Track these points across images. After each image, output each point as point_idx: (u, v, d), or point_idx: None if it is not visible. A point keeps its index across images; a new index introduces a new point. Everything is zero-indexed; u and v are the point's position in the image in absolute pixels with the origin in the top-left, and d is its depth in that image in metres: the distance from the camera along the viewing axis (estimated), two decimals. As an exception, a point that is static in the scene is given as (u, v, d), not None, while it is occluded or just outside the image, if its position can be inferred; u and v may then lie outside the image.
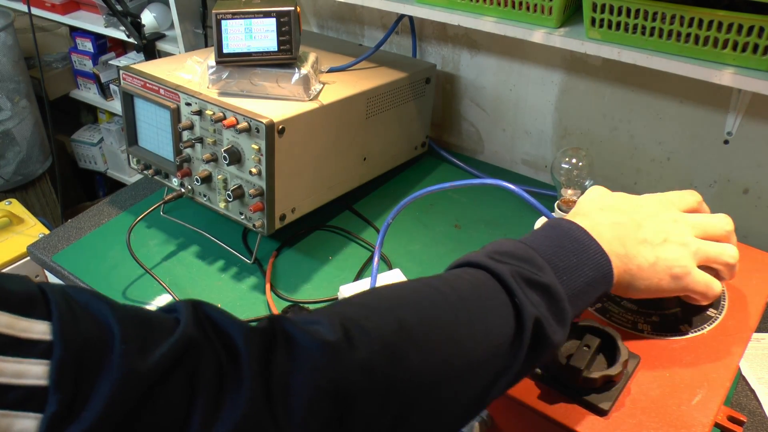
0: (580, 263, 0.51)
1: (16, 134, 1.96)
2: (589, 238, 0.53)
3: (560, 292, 0.49)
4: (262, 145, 0.91)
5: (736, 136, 1.00)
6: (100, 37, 1.97)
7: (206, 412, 0.33)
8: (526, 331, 0.47)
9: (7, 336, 0.29)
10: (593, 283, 0.51)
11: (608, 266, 0.52)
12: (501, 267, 0.49)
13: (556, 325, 0.48)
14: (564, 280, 0.50)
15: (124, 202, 1.22)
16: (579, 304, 0.51)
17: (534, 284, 0.49)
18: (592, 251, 0.52)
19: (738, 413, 0.56)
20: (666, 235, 0.55)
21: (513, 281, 0.48)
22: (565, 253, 0.51)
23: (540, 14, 0.91)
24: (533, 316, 0.47)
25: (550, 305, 0.48)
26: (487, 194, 1.19)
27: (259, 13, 0.94)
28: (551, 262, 0.50)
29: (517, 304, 0.48)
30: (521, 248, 0.51)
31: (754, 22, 0.74)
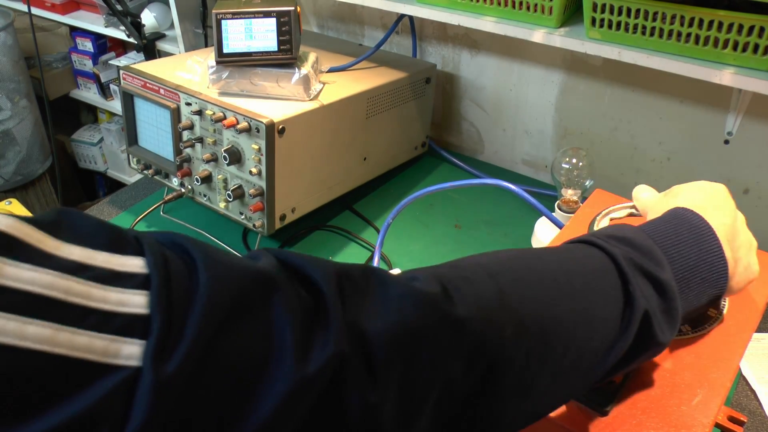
0: (699, 262, 0.49)
1: (16, 134, 1.96)
2: (715, 240, 0.50)
3: (674, 291, 0.46)
4: (262, 145, 0.91)
5: (737, 136, 1.00)
6: (100, 37, 1.97)
7: (296, 344, 0.33)
8: (633, 323, 0.44)
9: (108, 269, 0.30)
10: (709, 287, 0.49)
11: (724, 270, 0.50)
12: (616, 250, 0.46)
13: (665, 325, 0.46)
14: (681, 280, 0.47)
15: (124, 202, 1.22)
16: (691, 307, 0.49)
17: (650, 277, 0.46)
18: (714, 253, 0.50)
19: (738, 413, 0.56)
20: (751, 239, 0.56)
21: (627, 267, 0.45)
22: (687, 251, 0.49)
23: (540, 14, 0.91)
24: (643, 308, 0.44)
25: (663, 303, 0.46)
26: (487, 194, 1.19)
27: (259, 13, 0.94)
28: (671, 258, 0.48)
29: (629, 292, 0.45)
30: (642, 237, 0.48)
31: (754, 22, 0.74)
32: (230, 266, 0.34)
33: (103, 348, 0.28)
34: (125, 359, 0.28)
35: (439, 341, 0.38)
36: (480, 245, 1.08)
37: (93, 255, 0.30)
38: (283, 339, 0.33)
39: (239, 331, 0.32)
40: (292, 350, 0.33)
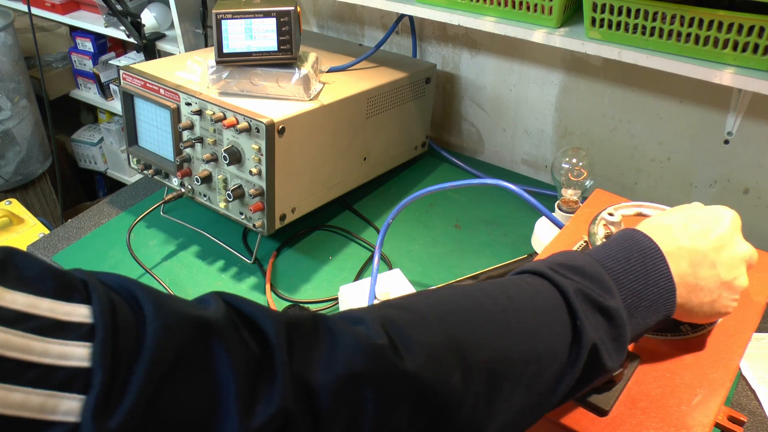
0: (650, 293, 0.49)
1: (16, 134, 1.96)
2: (665, 266, 0.50)
3: (623, 318, 0.47)
4: (262, 145, 0.91)
5: (737, 136, 1.00)
6: (100, 37, 1.97)
7: (240, 398, 0.33)
8: (582, 356, 0.45)
9: (51, 319, 0.29)
10: (656, 314, 0.49)
11: (672, 300, 0.50)
12: (566, 282, 0.47)
13: (613, 352, 0.46)
14: (630, 307, 0.48)
15: (124, 202, 1.22)
16: (638, 333, 0.49)
17: (599, 307, 0.46)
18: (663, 281, 0.50)
19: (738, 413, 0.56)
20: (736, 272, 0.53)
21: (576, 300, 0.46)
22: (635, 275, 0.49)
23: (540, 14, 0.91)
24: (591, 341, 0.45)
25: (611, 331, 0.46)
26: (487, 194, 1.19)
27: (259, 13, 0.94)
28: (620, 285, 0.48)
29: (578, 327, 0.45)
30: (590, 264, 0.49)
31: (754, 22, 0.74)
32: (178, 316, 0.33)
33: (40, 404, 0.27)
34: (63, 415, 0.28)
35: (386, 393, 0.38)
36: (480, 245, 1.08)
37: (37, 303, 0.29)
38: (227, 393, 0.32)
39: (183, 384, 0.32)
40: (236, 405, 0.32)
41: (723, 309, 0.53)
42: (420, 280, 0.98)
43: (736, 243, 0.54)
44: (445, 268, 1.02)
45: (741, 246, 0.54)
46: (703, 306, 0.52)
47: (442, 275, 0.99)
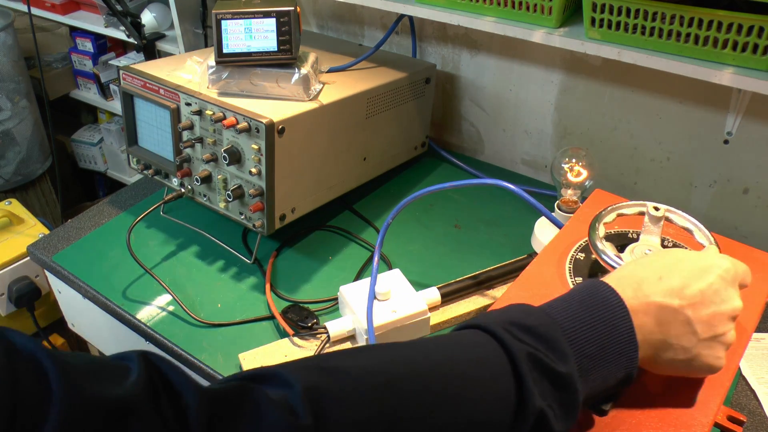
0: (605, 351, 0.46)
1: (16, 134, 1.96)
2: (627, 322, 0.47)
3: (576, 383, 0.45)
4: (262, 145, 0.91)
5: (736, 136, 1.00)
6: (100, 37, 1.97)
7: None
8: (526, 424, 0.43)
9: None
10: (614, 376, 0.47)
11: (634, 361, 0.47)
12: (517, 345, 0.44)
13: (562, 417, 0.45)
14: (584, 370, 0.46)
15: (124, 202, 1.22)
16: (594, 394, 0.47)
17: (549, 373, 0.44)
18: (624, 341, 0.47)
19: (738, 413, 0.56)
20: (720, 330, 0.49)
21: (526, 367, 0.44)
22: (594, 337, 0.46)
23: (540, 14, 0.91)
24: (538, 409, 0.43)
25: (561, 396, 0.45)
26: (487, 194, 1.19)
27: (259, 13, 0.94)
28: (577, 347, 0.46)
29: (523, 395, 0.43)
30: (546, 325, 0.46)
31: (754, 22, 0.74)
32: (88, 399, 0.32)
33: None
34: None
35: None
36: (480, 245, 1.08)
37: None
38: None
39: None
40: None
41: (706, 366, 0.50)
42: (420, 280, 0.98)
43: (722, 299, 0.49)
44: (444, 268, 1.02)
45: (728, 302, 0.50)
46: (676, 363, 0.49)
47: (441, 275, 0.99)
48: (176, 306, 0.97)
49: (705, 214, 1.09)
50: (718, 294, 0.49)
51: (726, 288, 0.50)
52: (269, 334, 0.92)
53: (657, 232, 0.62)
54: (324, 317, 0.94)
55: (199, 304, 0.98)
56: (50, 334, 1.54)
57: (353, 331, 0.86)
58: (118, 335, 1.10)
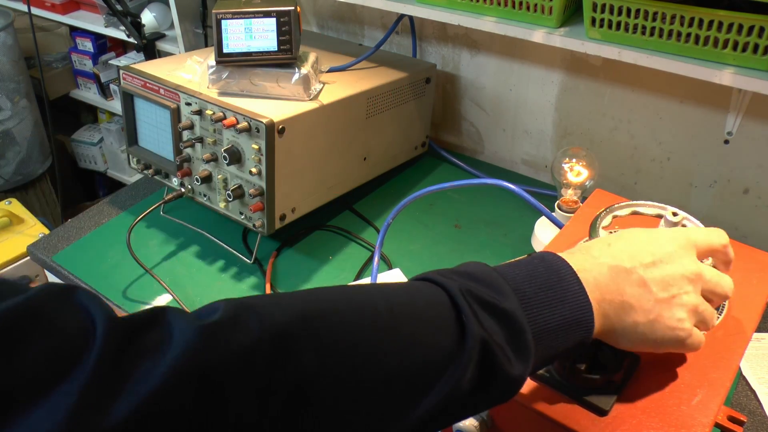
0: (554, 300, 0.46)
1: (16, 134, 1.96)
2: (573, 277, 0.47)
3: (522, 322, 0.44)
4: (262, 145, 0.91)
5: (737, 136, 1.00)
6: (100, 37, 1.97)
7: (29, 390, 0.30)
8: (470, 351, 0.42)
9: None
10: (567, 325, 0.46)
11: (587, 312, 0.47)
12: (452, 283, 0.44)
13: (514, 357, 0.43)
14: (532, 313, 0.45)
15: (124, 202, 1.22)
16: (549, 344, 0.46)
17: (491, 308, 0.44)
18: (572, 292, 0.47)
19: (738, 413, 0.56)
20: (675, 290, 0.49)
21: (462, 298, 0.43)
22: (539, 286, 0.46)
23: (540, 14, 0.91)
24: (480, 338, 0.42)
25: (509, 335, 0.43)
26: (487, 194, 1.19)
27: (259, 13, 0.94)
28: (518, 290, 0.45)
29: (462, 321, 0.43)
30: (486, 271, 0.47)
31: (754, 22, 0.74)
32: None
33: None
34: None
35: (222, 380, 0.35)
36: (480, 245, 1.08)
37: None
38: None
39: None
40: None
41: (670, 331, 0.49)
42: (420, 280, 0.98)
43: (674, 259, 0.50)
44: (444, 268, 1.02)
45: (682, 264, 0.50)
46: (639, 326, 0.48)
47: (442, 275, 0.99)
48: (176, 306, 0.97)
49: (705, 214, 1.09)
50: (671, 256, 0.49)
51: (678, 250, 0.50)
52: (269, 334, 0.92)
53: None
54: (324, 317, 0.94)
55: (199, 304, 0.98)
56: (50, 334, 1.54)
57: (353, 331, 0.86)
58: (118, 335, 1.10)
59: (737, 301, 0.61)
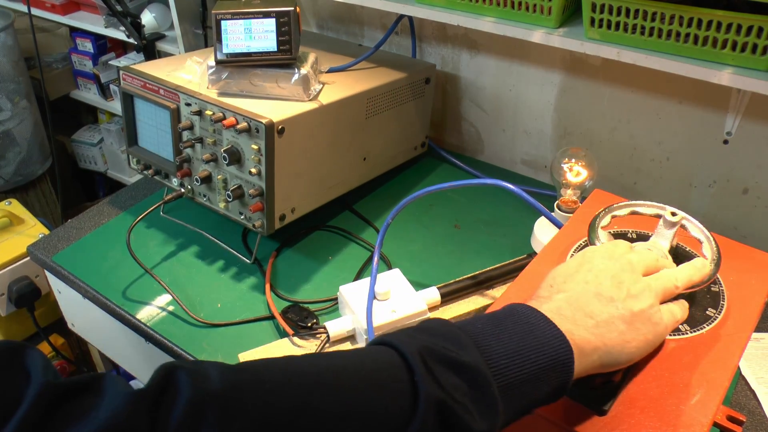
0: (525, 348, 0.44)
1: (16, 135, 1.96)
2: (543, 319, 0.46)
3: (485, 374, 0.42)
4: (261, 145, 0.91)
5: (736, 136, 1.00)
6: (100, 38, 1.97)
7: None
8: (420, 416, 0.40)
9: None
10: (542, 372, 0.44)
11: (566, 352, 0.45)
12: (409, 342, 0.43)
13: (477, 413, 0.41)
14: (499, 366, 0.43)
15: (124, 202, 1.22)
16: (522, 395, 0.44)
17: (449, 362, 0.42)
18: (545, 335, 0.45)
19: (737, 413, 0.56)
20: (627, 282, 0.51)
21: (418, 358, 0.41)
22: (506, 335, 0.45)
23: (539, 14, 0.91)
24: (435, 399, 0.40)
25: (471, 388, 0.42)
26: (487, 194, 1.19)
27: (259, 14, 0.94)
28: (479, 342, 0.44)
29: (415, 382, 0.41)
30: (446, 326, 0.45)
31: (753, 22, 0.74)
32: None
33: None
34: None
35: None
36: (479, 245, 1.08)
37: None
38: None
39: None
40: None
41: (648, 323, 0.50)
42: (419, 280, 0.98)
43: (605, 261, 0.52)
44: (444, 269, 1.02)
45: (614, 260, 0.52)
46: (626, 333, 0.49)
47: (441, 275, 0.99)
48: (176, 306, 0.97)
49: (704, 214, 1.09)
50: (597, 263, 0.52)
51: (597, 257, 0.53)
52: (269, 334, 0.92)
53: (668, 237, 0.62)
54: (324, 317, 0.94)
55: (199, 304, 0.98)
56: (50, 334, 1.54)
57: (353, 331, 0.87)
58: (118, 335, 1.10)
59: (737, 301, 0.61)
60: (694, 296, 0.61)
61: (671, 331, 0.56)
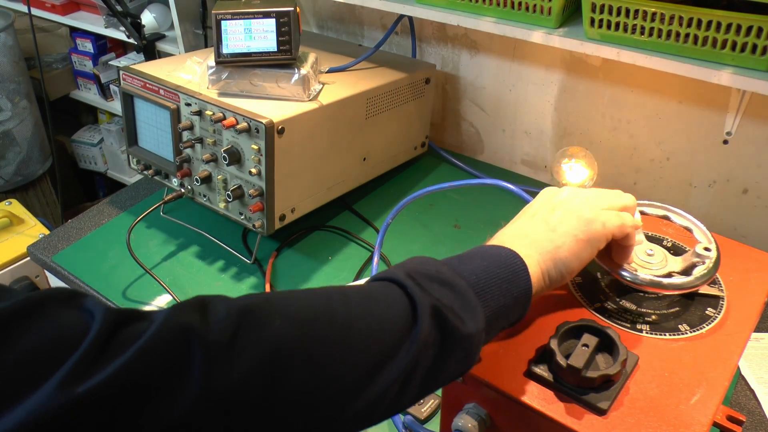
0: (488, 264, 0.53)
1: (16, 135, 1.96)
2: (497, 246, 0.56)
3: (462, 284, 0.50)
4: (261, 145, 0.91)
5: (736, 136, 1.00)
6: (100, 38, 1.98)
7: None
8: (422, 318, 0.47)
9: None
10: (506, 278, 0.53)
11: (517, 258, 0.54)
12: (393, 269, 0.51)
13: (464, 315, 0.49)
14: (470, 278, 0.51)
15: (124, 203, 1.22)
16: (494, 300, 0.51)
17: (432, 278, 0.50)
18: (499, 253, 0.54)
19: (737, 413, 0.56)
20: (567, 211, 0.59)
21: (405, 276, 0.49)
22: (470, 260, 0.53)
23: (539, 14, 0.91)
24: (429, 303, 0.47)
25: (455, 296, 0.49)
26: (487, 194, 1.19)
27: (259, 14, 0.94)
28: (452, 265, 0.52)
29: (410, 295, 0.48)
30: (419, 257, 0.53)
31: (753, 22, 0.74)
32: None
33: None
34: None
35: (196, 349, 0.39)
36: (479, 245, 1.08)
37: None
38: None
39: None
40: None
41: (578, 214, 0.57)
42: (419, 280, 0.98)
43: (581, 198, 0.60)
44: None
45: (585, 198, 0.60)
46: (567, 224, 0.57)
47: (441, 275, 0.99)
48: (176, 306, 0.97)
49: (704, 214, 1.09)
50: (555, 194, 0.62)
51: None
52: (269, 334, 0.92)
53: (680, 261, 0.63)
54: (324, 317, 0.94)
55: (199, 304, 0.98)
56: (50, 334, 1.54)
57: (353, 331, 0.86)
58: (118, 335, 1.10)
59: (736, 301, 0.61)
60: (694, 296, 0.61)
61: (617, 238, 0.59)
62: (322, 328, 0.44)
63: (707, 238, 0.63)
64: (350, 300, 0.47)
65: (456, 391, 0.58)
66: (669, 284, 0.59)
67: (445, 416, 0.63)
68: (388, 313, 0.47)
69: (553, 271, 0.56)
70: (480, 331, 0.49)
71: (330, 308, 0.46)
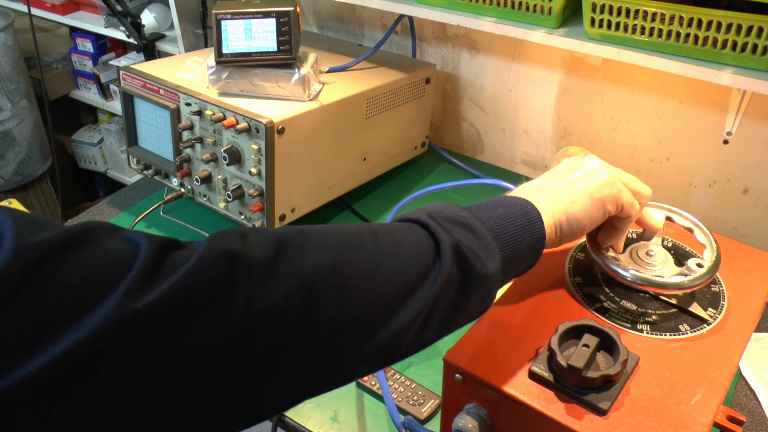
0: (507, 213, 0.55)
1: (16, 134, 1.96)
2: (515, 197, 0.57)
3: (481, 227, 0.52)
4: (261, 145, 0.91)
5: (736, 136, 1.00)
6: (100, 38, 1.97)
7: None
8: (445, 256, 0.49)
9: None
10: (522, 225, 0.55)
11: (532, 207, 0.56)
12: (415, 212, 0.53)
13: (482, 256, 0.51)
14: (488, 222, 0.53)
15: (124, 202, 1.22)
16: (512, 243, 0.54)
17: (452, 220, 0.52)
18: (517, 203, 0.56)
19: (737, 413, 0.56)
20: (587, 171, 0.60)
21: (428, 218, 0.51)
22: (490, 206, 0.56)
23: (539, 14, 0.91)
24: (450, 242, 0.49)
25: (474, 237, 0.51)
26: (487, 194, 1.18)
27: (259, 14, 0.94)
28: (471, 210, 0.55)
29: (432, 233, 0.50)
30: (440, 203, 0.56)
31: (754, 22, 0.74)
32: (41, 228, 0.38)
33: None
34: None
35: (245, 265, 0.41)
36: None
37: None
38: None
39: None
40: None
41: (595, 173, 0.59)
42: (420, 280, 0.98)
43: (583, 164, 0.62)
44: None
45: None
46: (580, 191, 0.58)
47: (441, 275, 0.99)
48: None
49: (705, 214, 1.09)
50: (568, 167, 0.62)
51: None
52: (269, 334, 0.92)
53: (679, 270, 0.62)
54: (324, 317, 0.94)
55: (199, 304, 0.98)
56: (50, 334, 1.54)
57: (353, 331, 0.86)
58: (118, 335, 1.10)
59: (737, 301, 0.61)
60: (694, 296, 0.61)
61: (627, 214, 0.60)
62: (353, 258, 0.47)
63: (708, 238, 0.63)
64: (378, 235, 0.50)
65: (456, 391, 0.58)
66: (669, 284, 0.59)
67: (446, 416, 0.62)
68: (413, 248, 0.49)
69: (566, 225, 0.57)
70: (497, 272, 0.52)
71: (361, 241, 0.48)
